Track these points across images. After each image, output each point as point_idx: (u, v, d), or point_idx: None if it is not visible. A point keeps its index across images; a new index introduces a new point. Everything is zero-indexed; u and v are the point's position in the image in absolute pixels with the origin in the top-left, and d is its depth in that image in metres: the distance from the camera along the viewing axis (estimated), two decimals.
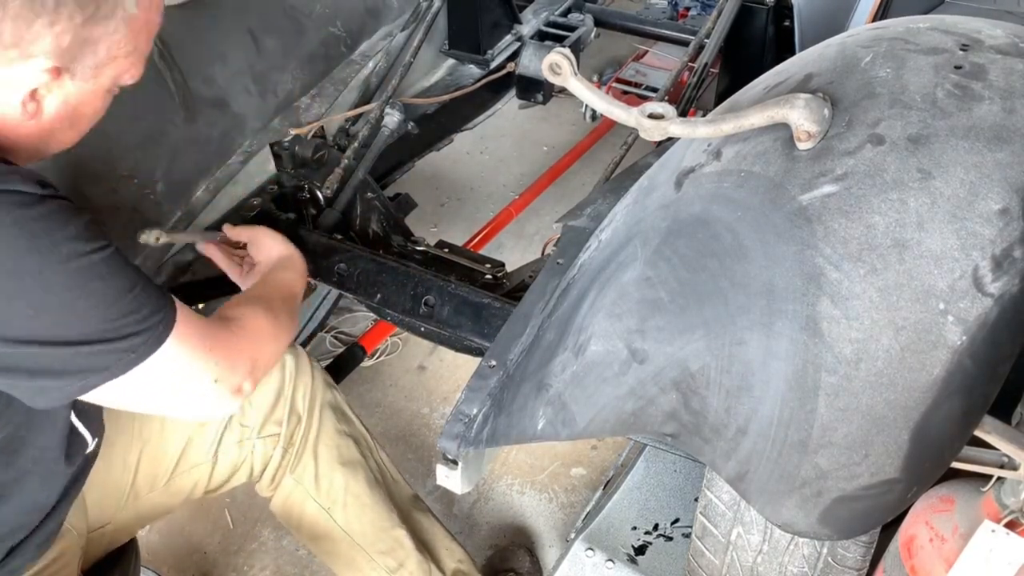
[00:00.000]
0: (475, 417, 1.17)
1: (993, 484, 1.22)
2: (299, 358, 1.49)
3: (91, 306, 0.93)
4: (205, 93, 1.65)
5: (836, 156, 0.92)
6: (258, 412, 1.42)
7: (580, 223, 1.40)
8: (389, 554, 1.51)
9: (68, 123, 1.00)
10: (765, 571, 1.25)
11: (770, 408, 0.90)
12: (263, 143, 1.73)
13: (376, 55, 1.98)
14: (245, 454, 1.43)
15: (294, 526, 1.53)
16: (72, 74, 0.95)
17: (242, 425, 1.41)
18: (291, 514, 1.51)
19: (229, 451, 1.42)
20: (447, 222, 2.91)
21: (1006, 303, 0.84)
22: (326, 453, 1.49)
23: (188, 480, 1.40)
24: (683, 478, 1.90)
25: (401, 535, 1.53)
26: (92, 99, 1.00)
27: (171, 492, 1.39)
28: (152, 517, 1.43)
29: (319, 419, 1.49)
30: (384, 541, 1.51)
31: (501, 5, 2.21)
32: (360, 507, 1.50)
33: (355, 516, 1.50)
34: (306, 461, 1.47)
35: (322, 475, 1.48)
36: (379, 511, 1.52)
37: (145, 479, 1.36)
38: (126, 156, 1.54)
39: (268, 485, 1.49)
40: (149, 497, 1.37)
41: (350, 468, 1.50)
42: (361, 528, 1.50)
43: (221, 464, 1.42)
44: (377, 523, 1.51)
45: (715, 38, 1.94)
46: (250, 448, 1.43)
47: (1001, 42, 0.99)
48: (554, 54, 0.99)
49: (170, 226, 1.60)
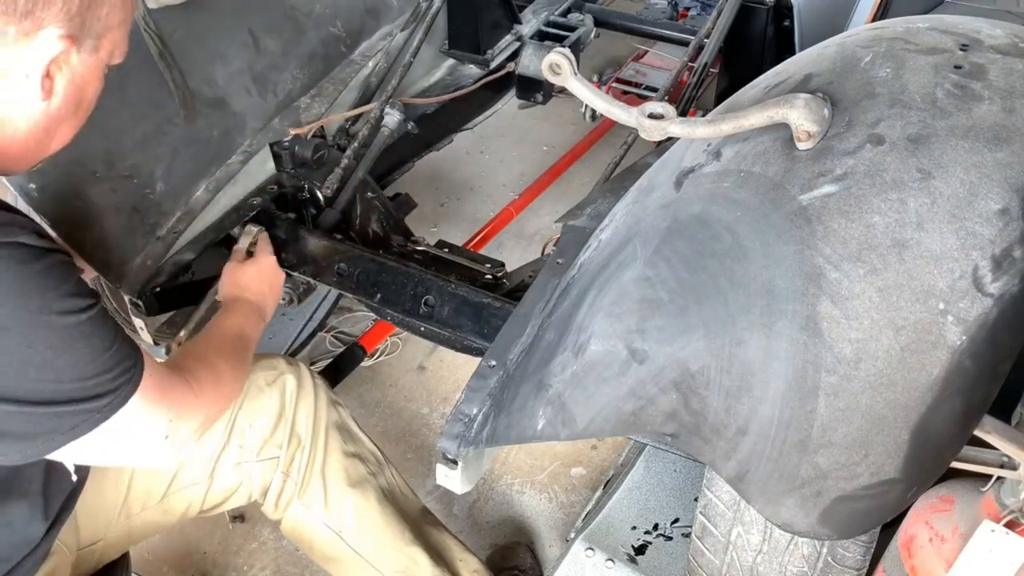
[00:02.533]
0: (475, 417, 1.17)
1: (993, 484, 1.22)
2: (301, 378, 1.48)
3: (69, 365, 0.92)
4: (205, 93, 1.65)
5: (836, 156, 0.92)
6: (257, 435, 1.41)
7: (580, 223, 1.40)
8: (404, 572, 1.50)
9: (74, 105, 0.98)
10: (765, 571, 1.25)
11: (770, 408, 0.90)
12: (263, 143, 1.73)
13: (376, 55, 1.98)
14: (243, 477, 1.42)
15: (306, 548, 1.52)
16: (79, 45, 0.93)
17: (240, 447, 1.40)
18: (302, 538, 1.50)
19: (226, 473, 1.40)
20: (447, 222, 2.91)
21: (1006, 303, 0.85)
22: (334, 476, 1.47)
23: (182, 500, 1.39)
24: (683, 478, 1.90)
25: (415, 551, 1.51)
26: (94, 78, 0.99)
27: (164, 511, 1.38)
28: (144, 535, 1.41)
29: (324, 441, 1.47)
30: (399, 560, 1.50)
31: (501, 5, 2.21)
32: (372, 528, 1.49)
33: (368, 537, 1.49)
34: (314, 485, 1.46)
35: (331, 498, 1.47)
36: (392, 530, 1.50)
37: (137, 497, 1.35)
38: (126, 156, 1.54)
39: (274, 510, 1.48)
40: (141, 515, 1.36)
41: (359, 489, 1.49)
42: (374, 549, 1.49)
43: (217, 485, 1.40)
44: (390, 542, 1.50)
45: (715, 38, 1.94)
46: (248, 471, 1.41)
47: (1001, 42, 0.99)
48: (554, 54, 0.99)
49: (171, 225, 1.60)
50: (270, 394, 1.43)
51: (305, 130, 1.77)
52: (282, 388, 1.44)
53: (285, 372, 1.46)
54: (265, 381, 1.43)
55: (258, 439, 1.41)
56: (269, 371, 1.45)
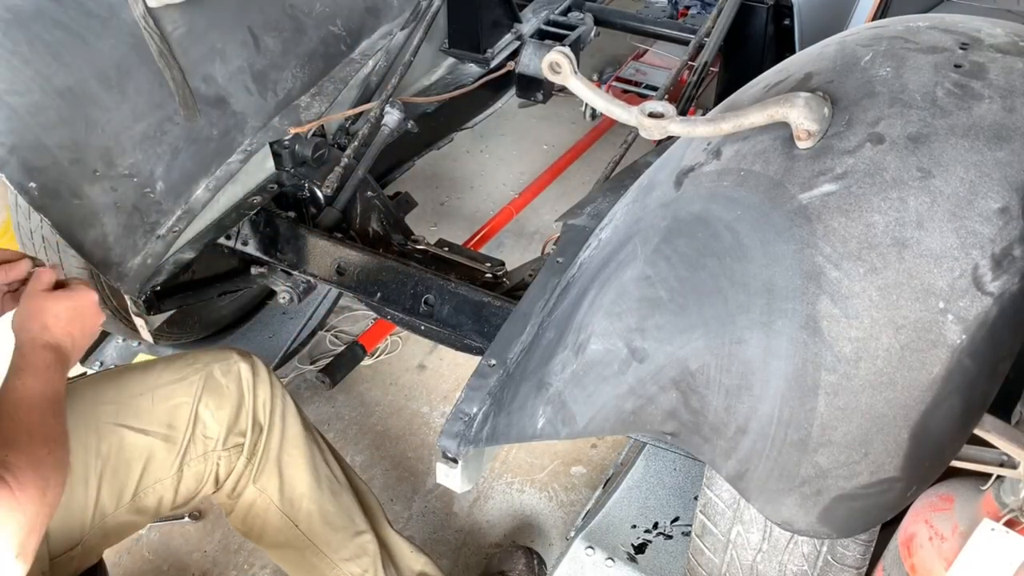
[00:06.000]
0: (475, 416, 1.17)
1: (993, 483, 1.22)
2: (255, 367, 1.48)
3: None
4: (205, 92, 1.65)
5: (836, 155, 0.92)
6: (221, 425, 1.41)
7: (580, 222, 1.40)
8: (353, 560, 1.52)
9: None
10: (765, 570, 1.25)
11: (770, 407, 0.90)
12: (263, 142, 1.73)
13: (376, 54, 1.98)
14: (211, 466, 1.42)
15: (256, 536, 1.52)
16: None
17: (205, 437, 1.40)
18: (253, 525, 1.50)
19: (193, 464, 1.40)
20: (447, 221, 2.91)
21: (1006, 302, 0.85)
22: (290, 461, 1.48)
23: (153, 496, 1.38)
24: (683, 477, 1.90)
25: (366, 540, 1.53)
26: None
27: (137, 509, 1.37)
28: (119, 536, 1.40)
29: (281, 427, 1.48)
30: (348, 548, 1.52)
31: (501, 4, 2.21)
32: (324, 514, 1.50)
33: (319, 524, 1.50)
34: (270, 470, 1.47)
35: (286, 483, 1.48)
36: (344, 518, 1.52)
37: (110, 496, 1.33)
38: (126, 155, 1.54)
39: (229, 493, 1.48)
40: (115, 515, 1.34)
41: (314, 476, 1.50)
42: (325, 536, 1.50)
43: (187, 478, 1.40)
44: (342, 530, 1.52)
45: (715, 37, 1.94)
46: (215, 460, 1.42)
47: (1001, 41, 0.99)
48: (554, 53, 0.99)
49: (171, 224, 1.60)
50: (227, 384, 1.43)
51: (305, 129, 1.77)
52: (237, 376, 1.45)
53: (238, 361, 1.46)
54: (221, 371, 1.44)
55: (222, 429, 1.42)
56: (223, 362, 1.45)
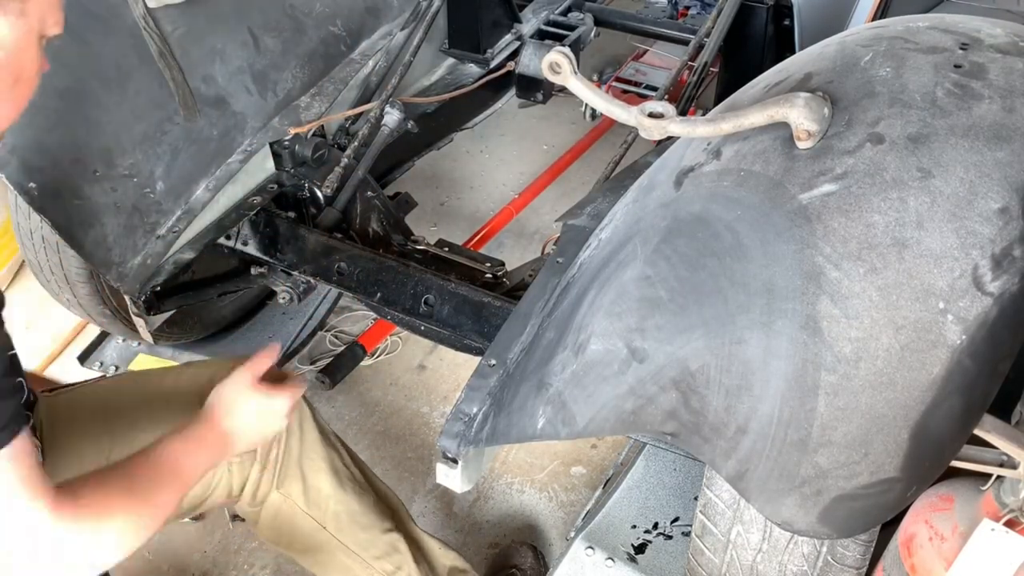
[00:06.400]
0: (475, 416, 1.17)
1: (993, 483, 1.22)
2: None
3: None
4: (205, 92, 1.65)
5: (836, 155, 0.92)
6: None
7: (580, 222, 1.40)
8: (385, 558, 1.51)
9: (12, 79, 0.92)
10: (765, 570, 1.25)
11: (770, 407, 0.90)
12: (263, 142, 1.73)
13: (376, 54, 1.98)
14: (221, 473, 1.41)
15: (284, 543, 1.51)
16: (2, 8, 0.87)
17: None
18: (281, 532, 1.50)
19: None
20: (447, 221, 2.91)
21: (1006, 302, 0.85)
22: (311, 465, 1.48)
23: None
24: (683, 477, 1.90)
25: (396, 538, 1.53)
26: (28, 45, 0.92)
27: None
28: None
29: (300, 432, 1.48)
30: (378, 546, 1.51)
31: (501, 4, 2.21)
32: (351, 514, 1.50)
33: (347, 524, 1.50)
34: (293, 475, 1.46)
35: (310, 487, 1.47)
36: (371, 517, 1.52)
37: None
38: (126, 155, 1.54)
39: (250, 502, 1.47)
40: None
41: (336, 478, 1.50)
42: (354, 536, 1.50)
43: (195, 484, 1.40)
44: (370, 529, 1.51)
45: (715, 37, 1.94)
46: (226, 466, 1.41)
47: (1001, 41, 0.99)
48: (554, 53, 0.99)
49: (171, 224, 1.60)
50: None
51: (305, 129, 1.77)
52: None
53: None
54: None
55: None
56: None
